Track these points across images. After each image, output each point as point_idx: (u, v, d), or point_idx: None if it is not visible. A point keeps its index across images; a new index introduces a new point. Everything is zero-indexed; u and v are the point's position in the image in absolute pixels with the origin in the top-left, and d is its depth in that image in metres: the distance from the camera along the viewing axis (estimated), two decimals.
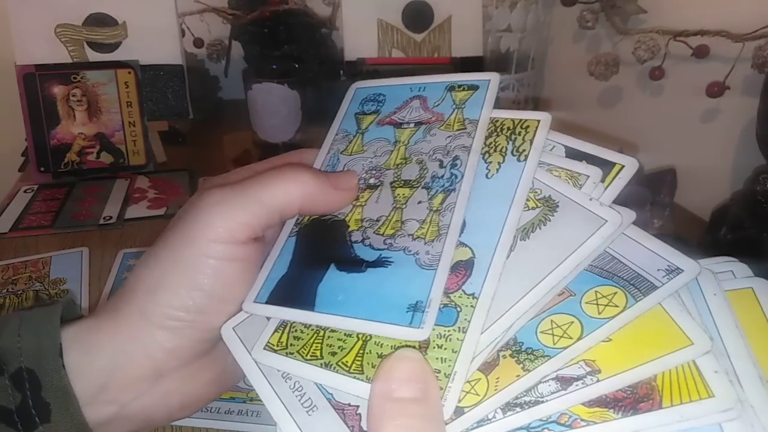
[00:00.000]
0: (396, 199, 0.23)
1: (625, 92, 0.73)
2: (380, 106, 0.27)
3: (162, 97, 0.65)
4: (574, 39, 0.82)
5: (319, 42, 0.81)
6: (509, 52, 0.82)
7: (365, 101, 0.28)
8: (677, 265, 0.19)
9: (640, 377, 0.17)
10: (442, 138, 0.24)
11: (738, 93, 0.56)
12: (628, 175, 0.22)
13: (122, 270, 0.48)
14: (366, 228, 0.23)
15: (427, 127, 0.25)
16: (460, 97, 0.25)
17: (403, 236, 0.22)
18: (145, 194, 0.60)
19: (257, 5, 0.76)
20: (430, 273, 0.20)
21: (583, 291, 0.20)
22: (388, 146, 0.25)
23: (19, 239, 0.52)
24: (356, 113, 0.28)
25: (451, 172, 0.23)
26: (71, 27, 0.62)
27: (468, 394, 0.18)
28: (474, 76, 0.26)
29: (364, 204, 0.24)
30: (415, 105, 0.26)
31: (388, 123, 0.26)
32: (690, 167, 0.58)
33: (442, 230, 0.21)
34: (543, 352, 0.18)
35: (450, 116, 0.25)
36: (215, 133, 0.77)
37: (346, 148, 0.26)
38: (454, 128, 0.24)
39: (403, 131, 0.26)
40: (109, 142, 0.63)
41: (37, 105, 0.61)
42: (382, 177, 0.25)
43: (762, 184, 0.46)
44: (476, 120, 0.24)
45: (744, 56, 0.54)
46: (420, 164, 0.24)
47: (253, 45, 0.80)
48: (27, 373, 0.21)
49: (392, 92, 0.27)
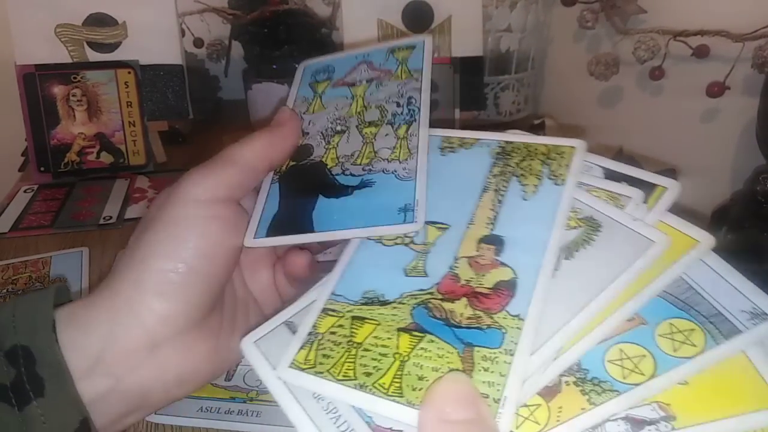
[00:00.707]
0: (365, 136, 0.27)
1: (625, 92, 0.73)
2: (331, 74, 0.31)
3: (162, 97, 0.65)
4: (574, 39, 0.82)
5: (319, 42, 0.81)
6: (509, 52, 0.82)
7: (316, 73, 0.32)
8: (763, 309, 0.18)
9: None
10: (393, 87, 0.28)
11: (738, 93, 0.57)
12: (672, 198, 0.22)
13: None
14: (343, 162, 0.26)
15: (377, 81, 0.29)
16: (402, 56, 0.29)
17: (379, 161, 0.25)
18: (145, 194, 0.60)
19: (257, 5, 0.76)
20: (411, 182, 0.23)
21: (657, 321, 0.18)
22: (347, 101, 0.29)
23: (19, 239, 0.52)
24: (310, 83, 0.31)
25: (408, 109, 0.26)
26: (71, 27, 0.62)
27: (527, 421, 0.17)
28: (410, 39, 0.30)
29: (336, 146, 0.27)
30: (363, 68, 0.30)
31: (342, 84, 0.30)
32: (690, 167, 0.58)
33: (413, 150, 0.25)
34: (611, 386, 0.17)
35: (397, 70, 0.29)
36: (215, 133, 0.77)
37: (308, 110, 0.30)
38: (402, 78, 0.28)
39: (358, 88, 0.29)
40: (109, 142, 0.63)
41: (37, 105, 0.61)
42: (348, 123, 0.28)
43: (762, 184, 0.46)
44: (420, 69, 0.28)
45: (744, 56, 0.54)
46: (379, 108, 0.28)
47: (253, 45, 0.80)
48: (21, 350, 0.21)
49: (340, 62, 0.31)
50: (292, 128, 0.28)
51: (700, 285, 0.19)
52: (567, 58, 0.86)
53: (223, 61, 0.84)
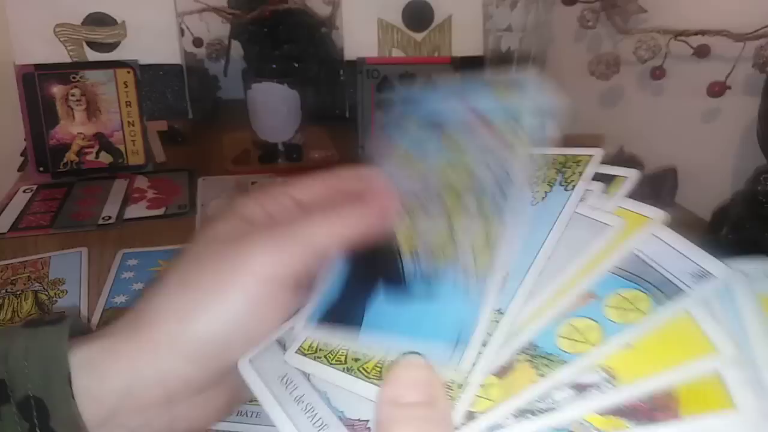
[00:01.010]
0: (447, 213, 0.22)
1: (626, 92, 0.73)
2: (420, 107, 0.26)
3: (161, 97, 0.65)
4: (575, 38, 0.81)
5: (318, 41, 0.81)
6: (510, 52, 0.81)
7: (407, 103, 0.27)
8: (707, 269, 0.19)
9: (658, 386, 0.17)
10: (490, 143, 0.23)
11: (739, 93, 0.56)
12: (630, 185, 0.23)
13: (121, 270, 0.47)
14: (417, 250, 0.22)
15: (472, 130, 0.24)
16: (504, 96, 0.23)
17: (455, 261, 0.21)
18: (144, 194, 0.60)
19: (257, 5, 0.76)
20: (475, 308, 0.19)
21: (607, 294, 0.19)
22: (436, 155, 0.24)
23: (18, 239, 0.52)
24: (400, 119, 0.27)
25: (501, 189, 0.21)
26: (70, 26, 0.62)
27: (480, 399, 0.18)
28: (514, 75, 0.24)
29: (415, 223, 0.23)
30: (458, 107, 0.25)
31: (433, 125, 0.25)
32: (691, 167, 0.58)
33: (491, 259, 0.20)
34: (560, 358, 0.18)
35: (497, 119, 0.23)
36: (215, 133, 0.77)
37: (396, 161, 0.26)
38: (502, 134, 0.23)
39: (450, 134, 0.24)
40: (108, 142, 0.63)
41: (36, 105, 0.61)
42: (430, 187, 0.24)
43: (763, 184, 0.46)
44: (523, 125, 0.22)
45: (745, 56, 0.54)
46: (468, 172, 0.23)
47: (252, 44, 0.80)
48: (35, 402, 0.20)
49: (435, 95, 0.27)
50: (386, 208, 0.23)
51: (650, 257, 0.20)
52: (568, 57, 0.85)
53: (223, 60, 0.84)
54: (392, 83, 0.68)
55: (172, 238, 0.52)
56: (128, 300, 0.44)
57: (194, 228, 0.54)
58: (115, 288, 0.45)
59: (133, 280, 0.46)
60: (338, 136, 0.75)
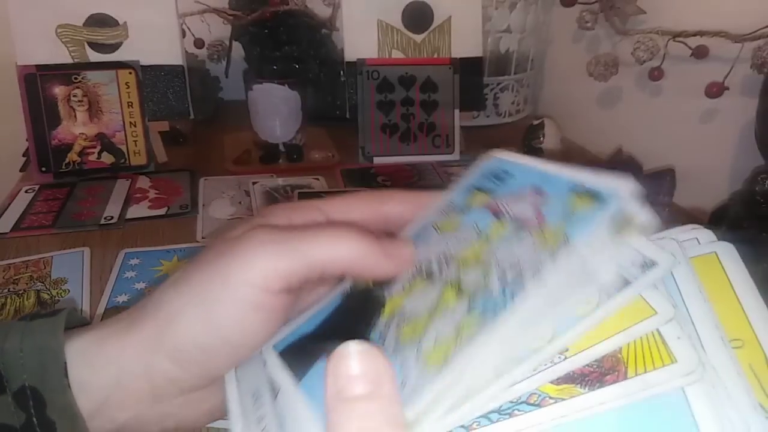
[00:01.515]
0: (438, 303, 0.20)
1: (625, 93, 0.74)
2: (498, 186, 0.23)
3: (163, 98, 0.65)
4: (574, 39, 0.82)
5: (319, 43, 0.81)
6: (509, 53, 0.82)
7: (490, 176, 0.24)
8: (652, 258, 0.19)
9: (605, 351, 0.18)
10: (525, 248, 0.20)
11: (737, 93, 0.57)
12: (661, 273, 0.21)
13: (123, 270, 0.48)
14: (394, 321, 0.21)
15: (521, 228, 0.21)
16: (576, 206, 0.20)
17: (413, 350, 0.19)
18: (146, 194, 0.60)
19: (258, 6, 0.76)
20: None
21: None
22: (474, 236, 0.22)
23: (20, 239, 0.52)
24: (475, 186, 0.24)
25: (503, 298, 0.18)
26: (72, 27, 0.62)
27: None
28: (603, 181, 0.20)
29: (411, 292, 0.21)
30: (529, 197, 0.22)
31: (492, 209, 0.22)
32: (689, 167, 0.59)
33: (447, 360, 0.17)
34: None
35: (552, 224, 0.20)
36: (216, 134, 0.77)
37: (441, 225, 0.24)
38: (548, 242, 0.19)
39: (498, 225, 0.21)
40: (110, 143, 0.64)
41: (38, 105, 0.61)
42: (444, 270, 0.21)
43: (761, 184, 0.47)
44: (571, 242, 0.18)
45: (743, 57, 0.54)
46: (484, 271, 0.20)
47: (253, 45, 0.80)
48: (30, 391, 0.20)
49: (520, 174, 0.23)
50: (391, 270, 0.22)
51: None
52: (566, 58, 0.86)
53: (224, 61, 0.84)
54: (392, 84, 0.69)
55: (173, 238, 0.52)
56: (130, 299, 0.45)
57: (195, 228, 0.54)
58: (117, 287, 0.46)
59: (135, 280, 0.46)
60: (339, 136, 0.76)
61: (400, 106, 0.69)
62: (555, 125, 0.65)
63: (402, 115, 0.69)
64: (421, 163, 0.69)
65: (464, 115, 0.73)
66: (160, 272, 0.48)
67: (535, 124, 0.65)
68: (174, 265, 0.48)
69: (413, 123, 0.70)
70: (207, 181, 0.63)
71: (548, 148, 0.64)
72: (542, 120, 0.65)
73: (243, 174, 0.65)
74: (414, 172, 0.67)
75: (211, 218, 0.55)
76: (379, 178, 0.65)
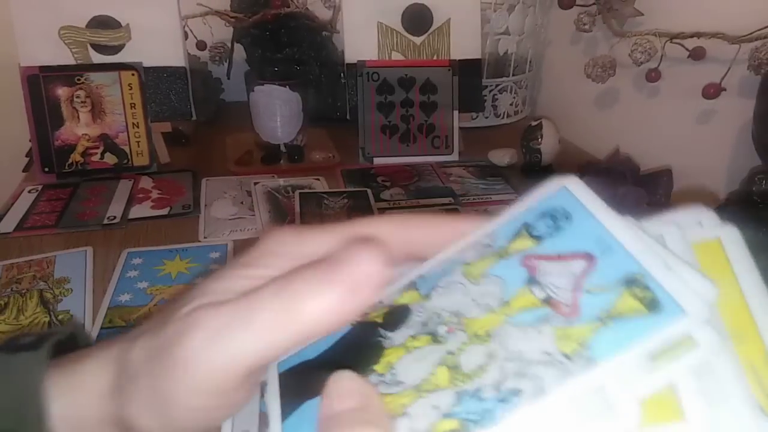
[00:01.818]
0: (429, 379, 0.17)
1: (622, 94, 0.74)
2: (551, 234, 0.19)
3: (165, 99, 0.66)
4: (572, 41, 0.82)
5: (320, 45, 0.82)
6: (507, 55, 0.82)
7: (547, 214, 0.19)
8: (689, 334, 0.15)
9: None
10: (540, 343, 0.16)
11: (734, 94, 0.57)
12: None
13: (126, 269, 0.48)
14: (383, 381, 0.18)
15: (547, 311, 0.17)
16: (623, 305, 0.16)
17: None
18: (148, 194, 0.60)
19: (259, 8, 0.77)
20: None
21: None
22: (496, 302, 0.18)
23: (23, 239, 0.52)
24: (525, 224, 0.20)
25: (489, 411, 0.16)
26: (75, 29, 0.63)
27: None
28: (674, 283, 0.15)
29: (410, 350, 0.19)
30: (576, 268, 0.17)
31: (529, 267, 0.18)
32: (686, 168, 0.59)
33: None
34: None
35: (583, 320, 0.16)
36: (218, 135, 0.78)
37: (470, 265, 0.20)
38: (567, 342, 0.16)
39: (525, 295, 0.18)
40: (113, 143, 0.64)
41: (41, 106, 0.61)
42: (450, 337, 0.18)
43: (758, 185, 0.47)
44: (594, 361, 0.15)
45: (740, 58, 0.55)
46: (486, 359, 0.17)
47: (255, 47, 0.81)
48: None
49: (580, 222, 0.19)
50: (359, 282, 0.18)
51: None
52: (564, 60, 0.86)
53: (226, 63, 0.85)
54: (392, 86, 0.69)
55: (176, 238, 0.52)
56: (132, 298, 0.45)
57: (197, 228, 0.55)
58: (119, 287, 0.46)
59: (138, 279, 0.47)
60: (339, 137, 0.76)
61: (400, 107, 0.70)
62: (553, 126, 0.65)
63: (402, 117, 0.70)
64: (421, 163, 0.69)
65: (463, 116, 0.74)
66: (162, 271, 0.48)
67: (533, 125, 0.66)
68: (176, 264, 0.49)
69: (413, 124, 0.70)
70: (209, 181, 0.64)
71: (546, 148, 0.65)
72: (540, 121, 0.65)
73: (245, 174, 0.65)
74: (414, 172, 0.67)
75: (213, 218, 0.56)
76: (379, 179, 0.65)
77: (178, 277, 0.48)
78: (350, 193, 0.61)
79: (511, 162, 0.70)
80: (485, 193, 0.63)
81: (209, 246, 0.52)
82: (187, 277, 0.48)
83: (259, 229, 0.54)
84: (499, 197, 0.62)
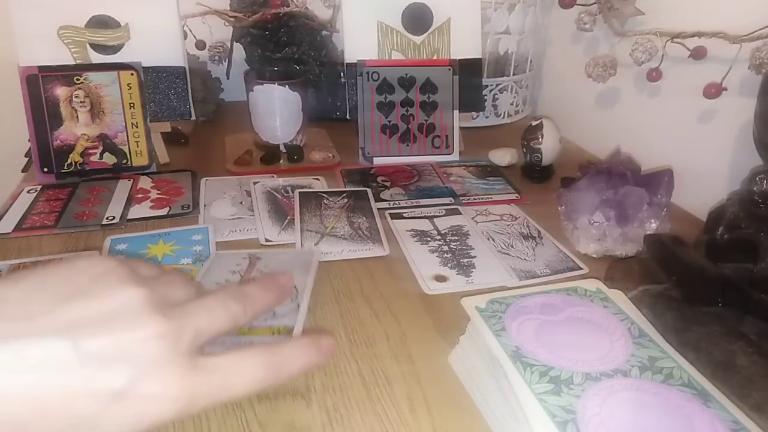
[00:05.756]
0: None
1: (623, 93, 0.74)
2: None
3: (164, 99, 0.66)
4: (572, 41, 0.82)
5: (319, 44, 0.82)
6: (508, 54, 0.82)
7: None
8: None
9: None
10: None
11: (735, 94, 0.57)
12: None
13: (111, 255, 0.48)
14: None
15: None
16: None
17: None
18: (148, 194, 0.60)
19: (259, 8, 0.77)
20: None
21: None
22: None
23: (22, 239, 0.52)
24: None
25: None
26: (74, 29, 0.63)
27: None
28: None
29: None
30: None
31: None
32: (687, 168, 0.59)
33: None
34: None
35: None
36: (217, 134, 0.78)
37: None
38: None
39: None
40: (112, 143, 0.64)
41: (40, 106, 0.61)
42: None
43: (759, 185, 0.47)
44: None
45: (741, 57, 0.55)
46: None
47: (254, 47, 0.81)
48: None
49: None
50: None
51: None
52: (565, 59, 0.86)
53: (225, 63, 0.85)
54: (392, 85, 0.69)
55: None
56: None
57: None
58: None
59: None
60: (339, 137, 0.76)
61: (400, 107, 0.69)
62: (554, 126, 0.65)
63: (402, 116, 0.70)
64: (421, 163, 0.69)
65: (463, 115, 0.74)
66: (147, 255, 0.49)
67: (533, 124, 0.66)
68: (161, 247, 0.50)
69: (413, 124, 0.70)
70: (208, 181, 0.63)
71: (547, 148, 0.65)
72: (541, 120, 0.65)
73: (244, 174, 0.65)
74: (414, 172, 0.67)
75: (212, 218, 0.56)
76: (379, 179, 0.65)
77: (164, 258, 0.48)
78: (350, 192, 0.61)
79: (512, 162, 0.70)
80: (486, 192, 0.63)
81: (192, 229, 0.53)
82: (173, 258, 0.48)
83: (258, 228, 0.54)
84: (500, 197, 0.62)
